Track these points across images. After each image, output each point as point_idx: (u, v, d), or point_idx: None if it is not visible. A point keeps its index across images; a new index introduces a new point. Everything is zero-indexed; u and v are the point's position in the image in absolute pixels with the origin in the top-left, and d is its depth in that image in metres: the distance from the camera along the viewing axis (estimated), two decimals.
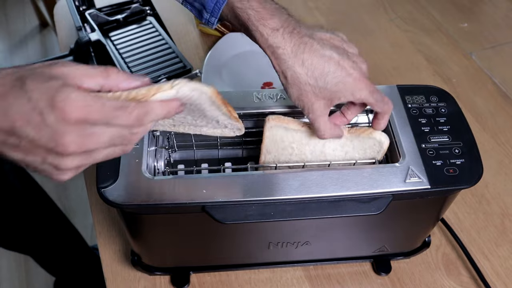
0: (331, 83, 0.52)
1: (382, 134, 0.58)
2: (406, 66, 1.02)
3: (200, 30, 1.08)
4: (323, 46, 0.53)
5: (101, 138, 0.39)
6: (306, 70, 0.52)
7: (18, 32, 2.42)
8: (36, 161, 0.38)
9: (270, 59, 0.54)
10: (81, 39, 0.89)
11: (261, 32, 0.53)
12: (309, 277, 0.71)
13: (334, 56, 0.52)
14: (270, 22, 0.53)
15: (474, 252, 0.74)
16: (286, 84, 0.54)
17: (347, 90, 0.53)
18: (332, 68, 0.52)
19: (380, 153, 0.59)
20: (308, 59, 0.52)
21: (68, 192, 1.79)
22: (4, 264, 1.61)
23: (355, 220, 0.60)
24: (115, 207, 0.52)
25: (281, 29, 0.53)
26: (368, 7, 1.17)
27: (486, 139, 0.88)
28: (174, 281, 0.69)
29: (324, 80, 0.52)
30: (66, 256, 1.30)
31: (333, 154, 0.60)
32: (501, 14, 1.15)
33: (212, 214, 0.51)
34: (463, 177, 0.54)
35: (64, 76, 0.38)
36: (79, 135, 0.37)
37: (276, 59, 0.53)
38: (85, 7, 1.02)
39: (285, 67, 0.53)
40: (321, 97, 0.53)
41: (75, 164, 0.39)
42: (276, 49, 0.53)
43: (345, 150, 0.60)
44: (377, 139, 0.58)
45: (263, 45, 0.54)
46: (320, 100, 0.53)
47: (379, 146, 0.58)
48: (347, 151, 0.60)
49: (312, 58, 0.52)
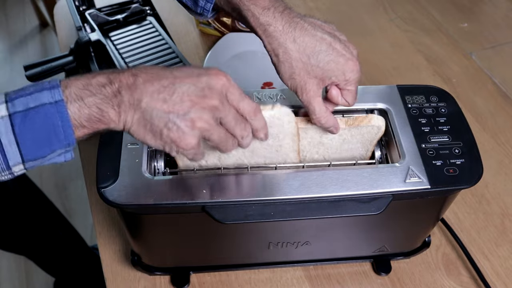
0: (323, 61, 0.53)
1: (379, 118, 0.59)
2: (406, 66, 1.02)
3: (200, 30, 1.08)
4: (314, 28, 0.53)
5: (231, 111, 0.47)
6: (298, 47, 0.53)
7: (18, 32, 2.42)
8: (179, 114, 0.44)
9: (261, 39, 0.55)
10: (81, 39, 0.89)
11: (252, 12, 0.54)
12: (309, 277, 0.71)
13: (325, 37, 0.53)
14: (261, 1, 0.54)
15: (474, 252, 0.73)
16: (277, 62, 0.54)
17: (339, 69, 0.53)
18: (324, 47, 0.53)
19: (377, 135, 0.60)
20: (300, 36, 0.53)
21: (68, 192, 1.79)
22: (4, 265, 1.61)
23: (355, 220, 0.60)
24: (115, 207, 0.52)
25: (272, 8, 0.53)
26: (368, 7, 1.17)
27: (486, 139, 0.88)
28: (174, 281, 0.69)
29: (317, 58, 0.53)
30: (66, 257, 1.30)
31: (331, 144, 0.60)
32: (501, 14, 1.15)
33: (212, 214, 0.51)
34: (463, 177, 0.54)
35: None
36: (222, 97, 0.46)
37: (267, 37, 0.54)
38: (85, 7, 1.02)
39: (277, 45, 0.53)
40: (313, 75, 0.53)
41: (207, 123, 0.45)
42: (268, 26, 0.53)
43: (343, 138, 0.60)
44: (376, 125, 0.58)
45: (254, 25, 0.54)
46: (312, 79, 0.54)
47: (377, 130, 0.59)
48: (344, 139, 0.60)
49: (304, 36, 0.53)
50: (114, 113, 0.44)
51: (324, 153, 0.62)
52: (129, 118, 0.44)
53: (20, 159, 0.42)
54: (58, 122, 0.42)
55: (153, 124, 0.44)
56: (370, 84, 0.91)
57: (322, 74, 0.53)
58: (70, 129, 0.43)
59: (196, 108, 0.44)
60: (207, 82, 0.45)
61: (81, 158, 0.84)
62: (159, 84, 0.44)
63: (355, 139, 0.60)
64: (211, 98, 0.45)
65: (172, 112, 0.44)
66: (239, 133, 0.48)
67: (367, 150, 0.62)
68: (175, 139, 0.44)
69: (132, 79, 0.44)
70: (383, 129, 0.59)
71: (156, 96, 0.44)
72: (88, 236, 1.58)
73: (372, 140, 0.60)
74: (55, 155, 0.44)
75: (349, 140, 0.60)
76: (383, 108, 0.61)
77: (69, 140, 0.43)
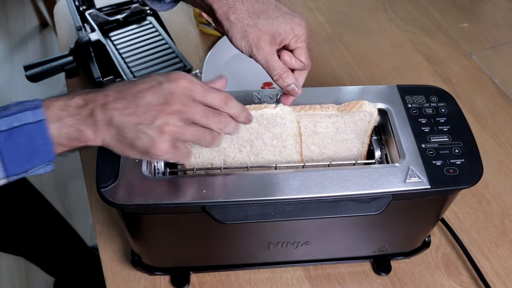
0: (272, 17, 0.56)
1: (370, 105, 0.59)
2: (406, 66, 1.02)
3: (200, 30, 1.08)
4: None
5: (198, 107, 0.48)
6: (247, 7, 0.56)
7: (18, 32, 2.42)
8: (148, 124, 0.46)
9: (211, 8, 0.57)
10: (81, 39, 0.89)
11: None
12: (309, 277, 0.71)
13: (271, 1, 0.57)
14: None
15: (474, 252, 0.73)
16: (229, 25, 0.57)
17: (287, 24, 0.56)
18: (271, 7, 0.56)
19: (371, 123, 0.60)
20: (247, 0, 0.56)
21: (68, 192, 1.79)
22: (4, 265, 1.61)
23: (355, 220, 0.60)
24: (115, 207, 0.52)
25: None
26: (368, 7, 1.17)
27: (486, 139, 0.88)
28: (174, 281, 0.69)
29: (265, 15, 0.56)
30: (66, 257, 1.30)
31: (325, 132, 0.61)
32: (501, 14, 1.15)
33: (212, 214, 0.51)
34: (463, 177, 0.54)
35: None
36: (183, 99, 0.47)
37: (218, 3, 0.56)
38: (85, 7, 1.02)
39: (227, 8, 0.56)
40: (264, 31, 0.56)
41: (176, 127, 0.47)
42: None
43: (337, 127, 0.61)
44: (368, 111, 0.59)
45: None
46: (264, 35, 0.56)
47: (369, 117, 0.59)
48: (338, 127, 0.61)
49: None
50: (91, 132, 0.47)
51: (320, 143, 0.62)
52: (106, 135, 0.47)
53: (4, 174, 0.46)
54: (39, 140, 0.46)
55: (126, 137, 0.47)
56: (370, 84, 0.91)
57: (272, 30, 0.56)
58: (51, 146, 0.46)
59: (161, 115, 0.46)
60: (168, 89, 0.47)
61: (81, 158, 0.84)
62: (126, 100, 0.47)
63: (348, 128, 0.61)
64: (174, 104, 0.47)
65: (140, 123, 0.46)
66: (215, 126, 0.50)
67: (363, 142, 0.62)
68: (148, 148, 0.47)
69: (104, 99, 0.47)
70: (375, 116, 0.60)
71: (125, 111, 0.46)
72: (88, 236, 1.58)
73: (366, 130, 0.61)
74: (36, 169, 0.48)
75: (343, 129, 0.61)
76: (383, 108, 0.61)
77: (50, 157, 0.47)
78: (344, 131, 0.61)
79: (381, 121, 0.63)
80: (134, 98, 0.47)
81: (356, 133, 0.61)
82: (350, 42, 1.07)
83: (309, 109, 0.59)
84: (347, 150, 0.62)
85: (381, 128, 0.63)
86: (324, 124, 0.60)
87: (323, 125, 0.60)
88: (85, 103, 0.47)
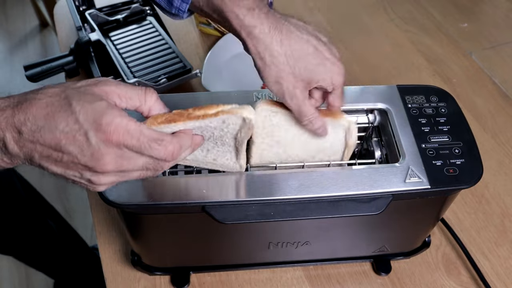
0: (311, 64, 0.51)
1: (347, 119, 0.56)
2: (406, 66, 1.02)
3: (200, 30, 1.08)
4: (300, 30, 0.52)
5: (137, 162, 0.43)
6: (285, 50, 0.51)
7: (18, 32, 2.42)
8: (75, 175, 0.42)
9: (244, 42, 0.52)
10: (81, 39, 0.89)
11: (236, 13, 0.51)
12: (309, 277, 0.71)
13: (311, 40, 0.52)
14: (244, 2, 0.51)
15: (474, 252, 0.74)
16: (263, 66, 0.52)
17: (327, 73, 0.52)
18: (311, 50, 0.51)
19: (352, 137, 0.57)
20: (286, 39, 0.51)
21: (68, 192, 1.79)
22: (4, 265, 1.61)
23: (355, 220, 0.60)
24: (115, 207, 0.52)
25: (256, 9, 0.51)
26: (368, 7, 1.17)
27: (486, 139, 0.88)
28: (174, 281, 0.69)
29: (304, 61, 0.51)
30: (66, 258, 1.30)
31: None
32: (501, 14, 1.15)
33: (212, 214, 0.51)
34: (463, 177, 0.54)
35: (106, 95, 0.42)
36: (117, 157, 0.41)
37: (252, 40, 0.51)
38: (85, 7, 1.02)
39: (263, 48, 0.51)
40: (300, 79, 0.52)
41: (110, 180, 0.43)
42: (253, 28, 0.51)
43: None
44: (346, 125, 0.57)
45: (238, 27, 0.52)
46: (299, 82, 0.52)
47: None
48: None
49: (290, 39, 0.51)
50: (5, 163, 0.42)
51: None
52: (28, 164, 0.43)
53: None
54: None
55: (55, 175, 0.43)
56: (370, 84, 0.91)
57: (309, 78, 0.52)
58: None
59: (90, 173, 0.41)
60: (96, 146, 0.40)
61: None
62: (45, 144, 0.40)
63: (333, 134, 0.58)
64: (104, 165, 0.41)
65: (67, 170, 0.42)
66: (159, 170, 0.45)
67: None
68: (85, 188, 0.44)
69: (15, 133, 0.40)
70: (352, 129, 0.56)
71: (46, 157, 0.41)
72: (88, 236, 1.58)
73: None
74: None
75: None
76: (383, 108, 0.61)
77: None
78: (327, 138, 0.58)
79: (381, 121, 0.63)
80: (55, 145, 0.40)
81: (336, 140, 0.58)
82: (350, 42, 1.07)
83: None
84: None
85: (381, 128, 0.63)
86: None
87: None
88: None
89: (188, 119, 0.46)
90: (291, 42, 0.51)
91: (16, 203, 1.05)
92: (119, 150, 0.41)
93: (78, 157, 0.40)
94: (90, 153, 0.40)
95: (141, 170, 0.44)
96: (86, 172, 0.41)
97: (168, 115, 0.46)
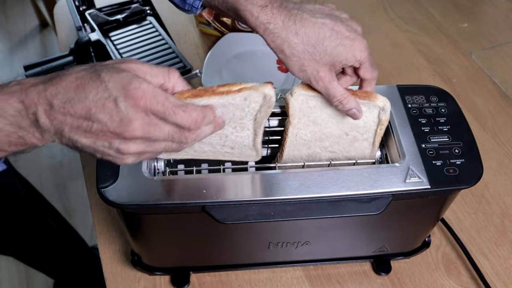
0: (330, 46, 0.52)
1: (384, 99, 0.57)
2: (406, 66, 1.02)
3: (200, 30, 1.08)
4: (313, 15, 0.53)
5: (163, 130, 0.43)
6: (302, 39, 0.52)
7: (18, 32, 2.42)
8: (104, 145, 0.42)
9: (263, 38, 0.54)
10: (81, 39, 0.89)
11: (251, 11, 0.53)
12: (309, 277, 0.71)
13: (327, 23, 0.53)
14: (258, 0, 0.53)
15: (474, 252, 0.74)
16: (285, 58, 0.54)
17: (349, 52, 0.53)
18: (327, 33, 0.52)
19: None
20: (301, 28, 0.52)
21: (68, 192, 1.79)
22: (4, 265, 1.61)
23: (355, 220, 0.60)
24: (115, 207, 0.52)
25: (269, 5, 0.53)
26: (368, 7, 1.17)
27: (486, 139, 0.88)
28: (174, 281, 0.69)
29: (322, 45, 0.52)
30: (66, 258, 1.30)
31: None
32: (501, 14, 1.15)
33: (212, 214, 0.51)
34: (463, 177, 0.54)
35: (133, 70, 0.43)
36: (144, 123, 0.42)
37: (269, 35, 0.53)
38: (85, 7, 1.02)
39: (280, 41, 0.53)
40: (323, 63, 0.53)
41: (138, 149, 0.43)
42: (268, 25, 0.53)
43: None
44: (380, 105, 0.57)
45: (254, 24, 0.54)
46: (323, 66, 0.53)
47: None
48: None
49: (305, 27, 0.52)
50: (36, 139, 0.43)
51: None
52: (57, 141, 0.43)
53: None
54: None
55: (83, 149, 0.43)
56: None
57: (331, 60, 0.53)
58: None
59: (119, 140, 0.42)
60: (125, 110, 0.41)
61: (81, 158, 0.84)
62: (75, 115, 0.41)
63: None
64: (133, 130, 0.41)
65: (97, 141, 0.42)
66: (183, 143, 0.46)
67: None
68: (112, 161, 0.44)
69: (47, 105, 0.41)
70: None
71: (76, 129, 0.42)
72: (88, 236, 1.58)
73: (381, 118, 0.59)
74: None
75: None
76: None
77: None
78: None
79: None
80: (86, 114, 0.41)
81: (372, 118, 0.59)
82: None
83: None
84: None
85: None
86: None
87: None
88: (24, 107, 0.41)
89: (213, 94, 0.48)
90: (307, 30, 0.52)
91: (16, 203, 1.05)
92: (146, 116, 0.42)
93: (107, 124, 0.41)
94: (119, 119, 0.41)
95: (167, 141, 0.44)
96: (115, 140, 0.42)
97: (194, 91, 0.48)
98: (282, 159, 0.61)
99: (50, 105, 0.41)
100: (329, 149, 0.61)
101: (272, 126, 0.63)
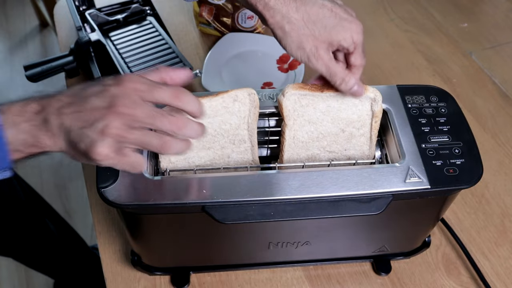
0: (329, 25, 0.53)
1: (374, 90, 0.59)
2: (406, 66, 1.02)
3: (200, 30, 1.08)
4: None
5: (143, 108, 0.45)
6: (302, 15, 0.53)
7: (18, 32, 2.42)
8: (88, 120, 0.44)
9: (262, 14, 0.55)
10: (81, 39, 0.89)
11: None
12: (309, 277, 0.71)
13: (326, 4, 0.54)
14: None
15: (474, 252, 0.74)
16: (283, 35, 0.54)
17: (346, 32, 0.54)
18: (327, 13, 0.53)
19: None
20: (302, 5, 0.53)
21: (68, 192, 1.79)
22: (4, 265, 1.61)
23: (355, 220, 0.60)
24: (115, 207, 0.52)
25: None
26: (368, 7, 1.17)
27: (486, 139, 0.88)
28: (174, 281, 0.69)
29: (322, 23, 0.53)
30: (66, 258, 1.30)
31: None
32: (501, 14, 1.15)
33: (212, 214, 0.51)
34: (463, 177, 0.54)
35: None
36: (130, 103, 0.44)
37: (269, 11, 0.54)
38: (85, 7, 1.02)
39: (280, 17, 0.53)
40: (321, 40, 0.53)
41: (118, 130, 0.44)
42: (268, 0, 0.53)
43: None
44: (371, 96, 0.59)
45: (254, 1, 0.54)
46: (322, 44, 0.53)
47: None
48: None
49: (305, 5, 0.53)
50: (47, 138, 0.45)
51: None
52: (61, 141, 0.45)
53: None
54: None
55: (72, 141, 0.45)
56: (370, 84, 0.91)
57: (330, 38, 0.53)
58: (7, 153, 0.45)
59: (103, 118, 0.44)
60: (114, 92, 0.45)
61: None
62: (75, 105, 0.45)
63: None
64: (117, 106, 0.44)
65: (84, 126, 0.44)
66: (165, 127, 0.46)
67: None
68: (86, 150, 0.44)
69: (58, 104, 0.45)
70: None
71: (72, 115, 0.45)
72: (88, 236, 1.58)
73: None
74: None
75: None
76: (383, 108, 0.61)
77: (5, 163, 0.46)
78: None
79: (381, 121, 0.63)
80: (83, 102, 0.45)
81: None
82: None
83: None
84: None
85: (381, 128, 0.63)
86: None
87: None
88: (41, 108, 0.45)
89: (206, 96, 0.53)
90: (307, 7, 0.53)
91: (16, 205, 1.05)
92: (131, 96, 0.45)
93: (98, 106, 0.44)
94: (107, 100, 0.44)
95: (144, 129, 0.46)
96: (98, 121, 0.44)
97: None
98: (282, 163, 0.61)
99: (59, 101, 0.46)
100: (328, 149, 0.61)
101: (272, 126, 0.63)
